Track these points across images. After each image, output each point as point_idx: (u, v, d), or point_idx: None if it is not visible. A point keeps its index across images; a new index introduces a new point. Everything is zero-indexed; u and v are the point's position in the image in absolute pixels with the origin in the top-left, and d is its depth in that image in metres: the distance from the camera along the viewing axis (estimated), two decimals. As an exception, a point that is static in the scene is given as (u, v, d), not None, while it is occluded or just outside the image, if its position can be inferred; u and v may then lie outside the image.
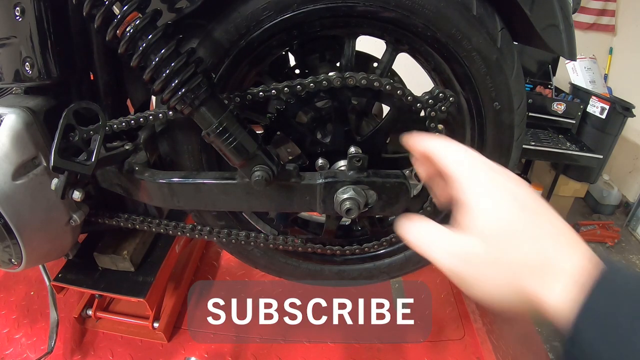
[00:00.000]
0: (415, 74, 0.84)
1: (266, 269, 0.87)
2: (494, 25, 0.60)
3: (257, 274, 1.33)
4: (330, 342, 1.13)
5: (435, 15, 0.58)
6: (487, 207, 0.34)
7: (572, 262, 0.31)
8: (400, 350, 1.13)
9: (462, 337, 1.18)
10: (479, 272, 0.34)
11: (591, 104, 2.46)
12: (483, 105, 0.65)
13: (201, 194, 0.67)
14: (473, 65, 0.62)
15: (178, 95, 0.53)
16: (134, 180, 0.69)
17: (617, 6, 2.81)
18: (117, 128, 0.67)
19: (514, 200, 0.34)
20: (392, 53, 0.66)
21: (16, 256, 0.72)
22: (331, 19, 0.60)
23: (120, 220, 0.79)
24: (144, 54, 0.52)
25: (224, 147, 0.58)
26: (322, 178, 0.64)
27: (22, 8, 0.60)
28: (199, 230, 0.78)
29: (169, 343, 1.12)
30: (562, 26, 0.60)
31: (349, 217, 0.64)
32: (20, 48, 0.63)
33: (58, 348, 1.02)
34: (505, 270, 0.33)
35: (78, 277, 0.99)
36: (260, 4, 0.58)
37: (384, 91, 0.62)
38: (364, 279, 0.87)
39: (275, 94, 0.62)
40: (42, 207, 0.70)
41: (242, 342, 1.13)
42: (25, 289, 1.27)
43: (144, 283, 0.99)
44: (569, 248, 0.32)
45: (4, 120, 0.65)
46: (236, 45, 0.61)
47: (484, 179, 0.36)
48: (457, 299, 1.30)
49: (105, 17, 0.50)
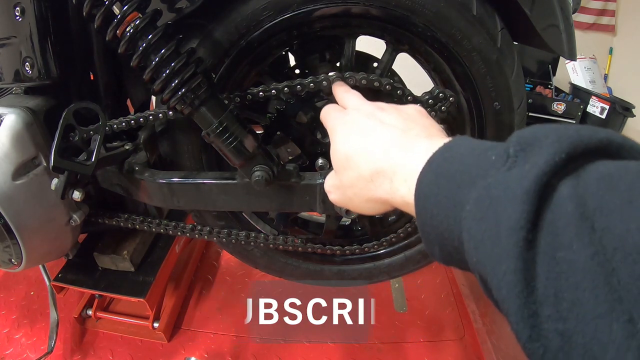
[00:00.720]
0: (415, 74, 0.84)
1: (266, 269, 0.87)
2: (494, 25, 0.60)
3: (257, 274, 1.33)
4: (330, 342, 1.13)
5: (435, 15, 0.58)
6: (334, 144, 0.42)
7: (417, 155, 0.33)
8: (400, 350, 1.13)
9: (462, 337, 1.18)
10: (344, 196, 0.42)
11: (591, 104, 2.46)
12: (483, 105, 0.65)
13: (201, 194, 0.67)
14: (473, 65, 0.62)
15: (178, 95, 0.53)
16: (134, 180, 0.69)
17: (617, 6, 2.80)
18: (117, 128, 0.67)
19: (355, 129, 0.40)
20: (392, 53, 0.66)
21: (16, 256, 0.72)
22: (331, 19, 0.60)
23: (120, 220, 0.79)
24: (144, 54, 0.52)
25: (224, 147, 0.58)
26: (322, 178, 0.64)
27: (22, 8, 0.60)
28: (199, 230, 0.78)
29: (169, 343, 1.12)
30: (562, 26, 0.60)
31: (349, 217, 0.64)
32: (20, 48, 0.63)
33: (58, 348, 1.02)
34: (356, 189, 0.39)
35: (78, 277, 0.99)
36: (260, 4, 0.58)
37: (384, 91, 0.61)
38: (364, 279, 0.87)
39: (275, 94, 0.62)
40: (42, 207, 0.70)
41: (242, 342, 1.13)
42: (25, 289, 1.27)
43: (144, 283, 0.99)
44: (418, 146, 0.35)
45: (4, 120, 0.65)
46: (236, 45, 0.61)
47: (333, 122, 0.44)
48: (457, 299, 1.30)
49: (105, 17, 0.50)
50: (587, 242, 0.19)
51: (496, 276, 0.22)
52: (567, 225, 0.20)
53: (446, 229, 0.28)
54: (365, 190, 0.38)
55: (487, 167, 0.26)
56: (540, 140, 0.24)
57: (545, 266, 0.21)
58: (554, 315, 0.20)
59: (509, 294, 0.21)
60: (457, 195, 0.27)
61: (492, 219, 0.23)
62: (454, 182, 0.28)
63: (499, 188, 0.24)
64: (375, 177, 0.37)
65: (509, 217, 0.22)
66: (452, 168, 0.29)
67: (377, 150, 0.37)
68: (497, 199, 0.24)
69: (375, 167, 0.37)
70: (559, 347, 0.20)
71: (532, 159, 0.24)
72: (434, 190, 0.29)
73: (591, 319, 0.18)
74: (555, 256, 0.20)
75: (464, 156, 0.29)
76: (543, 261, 0.21)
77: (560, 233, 0.21)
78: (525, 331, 0.21)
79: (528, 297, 0.21)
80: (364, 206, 0.40)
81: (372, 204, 0.39)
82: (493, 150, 0.27)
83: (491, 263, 0.23)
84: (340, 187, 0.42)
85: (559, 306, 0.20)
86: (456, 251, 0.28)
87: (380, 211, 0.40)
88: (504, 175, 0.25)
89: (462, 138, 0.32)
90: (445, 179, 0.29)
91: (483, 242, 0.24)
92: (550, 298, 0.20)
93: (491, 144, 0.28)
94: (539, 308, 0.20)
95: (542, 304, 0.20)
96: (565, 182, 0.22)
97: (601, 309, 0.18)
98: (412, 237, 0.81)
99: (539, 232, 0.21)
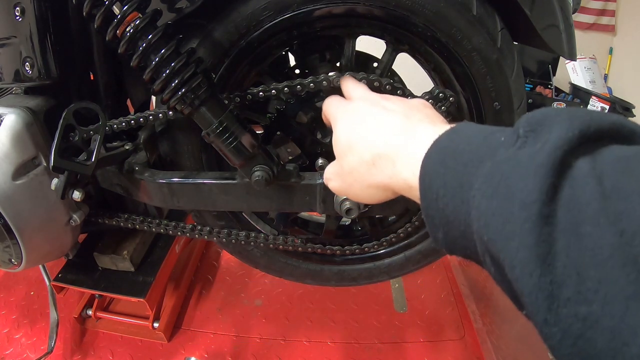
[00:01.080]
0: (415, 74, 0.84)
1: (266, 269, 0.87)
2: (494, 25, 0.60)
3: (257, 274, 1.33)
4: (330, 342, 1.13)
5: (435, 15, 0.58)
6: (335, 131, 0.41)
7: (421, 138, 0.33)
8: (400, 350, 1.13)
9: (462, 337, 1.18)
10: (344, 183, 0.41)
11: (591, 104, 2.45)
12: (483, 105, 0.65)
13: (201, 194, 0.67)
14: (473, 65, 0.62)
15: (178, 95, 0.53)
16: (134, 180, 0.69)
17: (617, 6, 2.80)
18: (117, 128, 0.67)
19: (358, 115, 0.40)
20: (392, 53, 0.66)
21: (16, 256, 0.72)
22: (331, 19, 0.60)
23: (120, 220, 0.79)
24: (144, 54, 0.52)
25: (224, 147, 0.58)
26: (322, 178, 0.64)
27: (22, 8, 0.60)
28: (199, 230, 0.78)
29: (169, 343, 1.12)
30: (562, 26, 0.60)
31: (349, 217, 0.64)
32: (20, 48, 0.63)
33: (58, 348, 1.03)
34: (357, 175, 0.38)
35: (78, 277, 0.99)
36: (260, 4, 0.58)
37: (384, 91, 0.61)
38: (364, 279, 0.87)
39: (275, 94, 0.62)
40: (42, 207, 0.70)
41: (242, 342, 1.13)
42: (25, 289, 1.27)
43: (144, 283, 0.99)
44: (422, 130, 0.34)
45: (4, 120, 0.65)
46: (236, 45, 0.61)
47: (335, 110, 0.43)
48: (457, 299, 1.30)
49: (105, 17, 0.50)
50: (612, 219, 0.18)
51: (509, 253, 0.21)
52: (590, 201, 0.19)
53: (452, 211, 0.27)
54: (367, 175, 0.37)
55: (496, 146, 0.26)
56: (550, 119, 0.24)
57: (566, 242, 0.19)
58: (574, 297, 0.18)
59: (523, 272, 0.20)
60: (464, 175, 0.26)
61: (503, 194, 0.22)
62: (461, 162, 0.27)
63: (510, 164, 0.23)
64: (377, 161, 0.36)
65: (521, 191, 0.21)
66: (459, 148, 0.28)
67: (380, 134, 0.36)
68: (509, 174, 0.23)
69: (377, 151, 0.36)
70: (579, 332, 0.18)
71: (544, 137, 0.23)
72: (440, 170, 0.28)
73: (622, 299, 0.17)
74: (578, 232, 0.19)
75: (471, 137, 0.28)
76: (563, 237, 0.19)
77: (582, 209, 0.19)
78: (540, 314, 0.19)
79: (544, 276, 0.19)
80: (364, 193, 0.39)
81: (373, 190, 0.38)
82: (501, 132, 0.27)
83: (503, 240, 0.22)
84: (341, 174, 0.41)
85: (582, 286, 0.18)
86: (462, 236, 0.27)
87: (380, 199, 0.39)
88: (514, 153, 0.24)
89: (467, 123, 0.31)
90: (452, 159, 0.28)
91: (494, 217, 0.22)
92: (572, 277, 0.18)
93: (498, 128, 0.28)
94: (556, 289, 0.19)
95: (561, 284, 0.19)
96: (583, 159, 0.21)
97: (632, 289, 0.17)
98: (412, 237, 0.81)
99: (558, 207, 0.20)
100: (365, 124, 0.39)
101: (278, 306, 1.24)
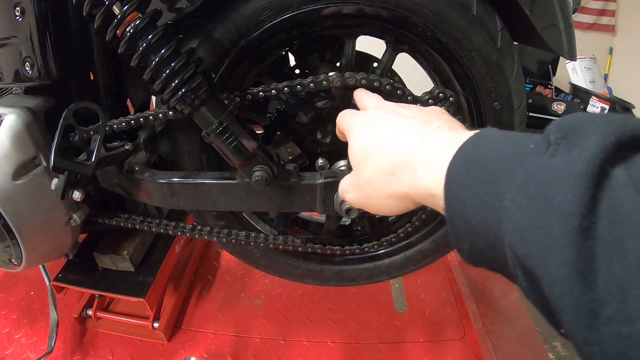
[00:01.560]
0: (415, 74, 0.84)
1: (266, 269, 0.87)
2: (494, 25, 0.60)
3: (257, 274, 1.33)
4: (330, 342, 1.13)
5: (435, 15, 0.58)
6: (351, 141, 0.40)
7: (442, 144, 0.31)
8: (400, 350, 1.13)
9: (462, 337, 1.18)
10: (362, 194, 0.39)
11: (591, 104, 2.45)
12: (483, 105, 0.65)
13: (201, 194, 0.67)
14: (473, 65, 0.62)
15: (178, 95, 0.53)
16: (134, 180, 0.69)
17: (617, 6, 2.80)
18: (117, 128, 0.67)
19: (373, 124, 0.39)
20: (392, 53, 0.66)
21: (16, 256, 0.72)
22: (331, 19, 0.60)
23: (120, 220, 0.79)
24: (144, 54, 0.52)
25: (224, 147, 0.58)
26: (322, 178, 0.64)
27: (22, 8, 0.60)
28: (199, 230, 0.78)
29: (169, 343, 1.12)
30: (562, 26, 0.60)
31: (349, 217, 0.64)
32: (20, 48, 0.63)
33: (58, 348, 1.02)
34: (375, 185, 0.37)
35: (78, 277, 0.99)
36: (261, 4, 0.58)
37: (384, 91, 0.61)
38: (364, 279, 0.87)
39: (275, 94, 0.62)
40: (42, 207, 0.70)
41: (242, 342, 1.13)
42: (25, 289, 1.27)
43: (144, 283, 0.99)
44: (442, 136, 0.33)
45: (4, 120, 0.65)
46: (236, 45, 0.61)
47: (349, 121, 0.42)
48: (457, 299, 1.30)
49: (105, 17, 0.50)
50: None
51: (547, 269, 0.20)
52: (632, 213, 0.18)
53: (480, 221, 0.25)
54: (385, 185, 0.36)
55: (525, 154, 0.24)
56: (583, 125, 0.23)
57: (609, 258, 0.18)
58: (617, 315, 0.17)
59: (562, 290, 0.19)
60: (492, 183, 0.25)
61: (540, 206, 0.21)
62: (488, 170, 0.26)
63: (546, 173, 0.22)
64: (396, 170, 0.34)
65: (560, 203, 0.20)
66: (486, 156, 0.27)
67: (398, 141, 0.35)
68: (545, 185, 0.21)
69: (396, 159, 0.34)
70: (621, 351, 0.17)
71: (579, 144, 0.22)
72: (466, 179, 0.27)
73: None
74: (621, 247, 0.18)
75: (497, 144, 0.27)
76: (605, 252, 0.18)
77: (625, 221, 0.18)
78: (581, 333, 0.19)
79: (585, 294, 0.18)
80: (383, 204, 0.38)
81: (393, 200, 0.36)
82: (530, 138, 0.25)
83: (541, 255, 0.21)
84: (358, 185, 0.39)
85: (625, 305, 0.17)
86: (490, 247, 0.25)
87: (400, 210, 0.37)
88: (548, 162, 0.23)
89: (490, 129, 0.30)
90: (479, 168, 0.26)
91: (531, 231, 0.21)
92: (614, 295, 0.18)
93: (525, 134, 0.27)
94: (598, 307, 0.18)
95: (603, 302, 0.18)
96: (619, 168, 0.20)
97: None
98: (412, 237, 0.81)
99: (598, 219, 0.19)
100: (382, 132, 0.37)
101: (278, 306, 1.24)
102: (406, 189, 0.34)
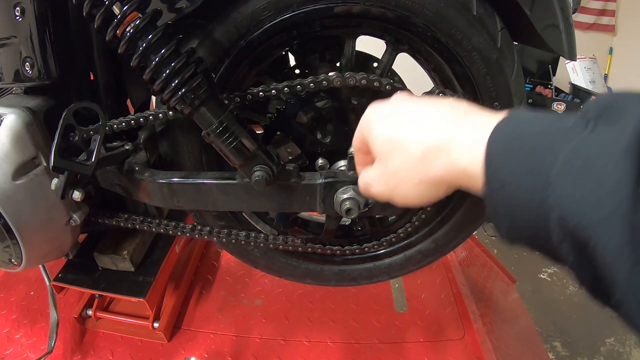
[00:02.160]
0: (415, 74, 0.84)
1: (266, 269, 0.87)
2: (494, 25, 0.60)
3: (257, 274, 1.33)
4: (330, 342, 1.13)
5: (435, 15, 0.58)
6: (371, 134, 0.39)
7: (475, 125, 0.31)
8: (400, 350, 1.13)
9: (462, 337, 1.18)
10: (388, 185, 0.38)
11: (591, 104, 2.45)
12: (483, 105, 0.65)
13: (201, 194, 0.67)
14: (473, 65, 0.62)
15: (178, 95, 0.53)
16: (134, 180, 0.69)
17: (617, 6, 2.81)
18: (117, 128, 0.67)
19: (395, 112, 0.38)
20: (392, 53, 0.66)
21: (16, 256, 0.72)
22: (332, 19, 0.60)
23: (120, 220, 0.79)
24: (144, 54, 0.52)
25: (224, 147, 0.58)
26: (322, 178, 0.64)
27: (22, 8, 0.60)
28: (199, 230, 0.78)
29: (169, 343, 1.12)
30: (562, 26, 0.60)
31: (349, 217, 0.64)
32: (20, 48, 0.63)
33: (58, 348, 1.02)
34: (403, 173, 0.36)
35: (78, 277, 0.99)
36: (261, 4, 0.58)
37: (384, 91, 0.62)
38: (364, 279, 0.87)
39: (275, 94, 0.62)
40: (42, 207, 0.70)
41: (242, 342, 1.13)
42: (25, 289, 1.27)
43: (144, 283, 0.99)
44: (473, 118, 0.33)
45: (4, 120, 0.65)
46: (236, 45, 0.61)
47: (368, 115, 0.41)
48: (457, 299, 1.30)
49: (105, 17, 0.50)
50: None
51: (601, 238, 0.21)
52: None
53: (522, 198, 0.26)
54: (415, 172, 0.35)
55: (565, 130, 0.25)
56: (622, 102, 0.23)
57: None
58: None
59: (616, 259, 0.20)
60: (534, 160, 0.25)
61: (589, 178, 0.22)
62: (529, 146, 0.26)
63: (592, 148, 0.23)
64: (427, 154, 0.34)
65: (612, 174, 0.21)
66: (525, 132, 0.27)
67: (427, 125, 0.34)
68: (592, 159, 0.22)
69: (427, 144, 0.34)
70: None
71: (620, 120, 0.22)
72: (506, 157, 0.27)
73: None
74: None
75: (534, 123, 0.27)
76: None
77: None
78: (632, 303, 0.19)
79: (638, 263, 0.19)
80: (413, 192, 0.36)
81: (424, 186, 0.35)
82: (566, 117, 0.26)
83: (595, 225, 0.21)
84: (384, 175, 0.38)
85: None
86: (531, 224, 0.26)
87: (429, 198, 0.36)
88: (591, 137, 0.23)
89: (519, 109, 0.30)
90: (519, 144, 0.27)
91: (583, 203, 0.22)
92: None
93: (560, 114, 0.27)
94: None
95: None
96: None
97: None
98: (412, 237, 0.81)
99: None
100: (404, 119, 0.36)
101: (278, 306, 1.24)
102: (440, 172, 0.33)
